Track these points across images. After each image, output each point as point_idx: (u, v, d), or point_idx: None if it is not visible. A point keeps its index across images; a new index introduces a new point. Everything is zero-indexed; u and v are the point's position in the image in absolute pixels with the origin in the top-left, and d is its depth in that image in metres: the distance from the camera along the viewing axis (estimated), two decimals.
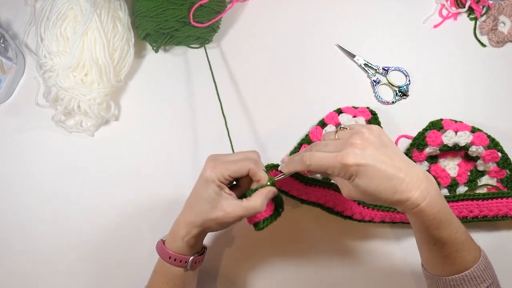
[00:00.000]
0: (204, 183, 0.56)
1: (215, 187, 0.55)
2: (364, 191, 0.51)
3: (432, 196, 0.51)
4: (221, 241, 0.71)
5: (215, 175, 0.55)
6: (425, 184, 0.51)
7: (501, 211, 0.67)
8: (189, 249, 0.58)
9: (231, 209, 0.55)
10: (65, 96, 0.72)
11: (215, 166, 0.56)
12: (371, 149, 0.50)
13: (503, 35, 0.78)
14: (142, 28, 0.74)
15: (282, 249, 0.71)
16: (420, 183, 0.51)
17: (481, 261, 0.55)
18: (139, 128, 0.76)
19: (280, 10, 0.81)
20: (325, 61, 0.78)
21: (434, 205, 0.51)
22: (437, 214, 0.51)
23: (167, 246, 0.58)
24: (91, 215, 0.72)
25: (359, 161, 0.49)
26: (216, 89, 0.71)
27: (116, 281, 0.70)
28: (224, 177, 0.56)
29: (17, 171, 0.74)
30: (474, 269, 0.54)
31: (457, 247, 0.53)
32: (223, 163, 0.56)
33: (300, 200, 0.70)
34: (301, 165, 0.54)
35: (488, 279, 0.54)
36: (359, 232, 0.71)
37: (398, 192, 0.50)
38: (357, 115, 0.72)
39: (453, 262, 0.54)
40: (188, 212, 0.58)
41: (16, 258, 0.71)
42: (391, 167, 0.50)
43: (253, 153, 0.60)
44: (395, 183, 0.50)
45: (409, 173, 0.51)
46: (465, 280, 0.54)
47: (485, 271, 0.54)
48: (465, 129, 0.70)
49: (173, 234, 0.58)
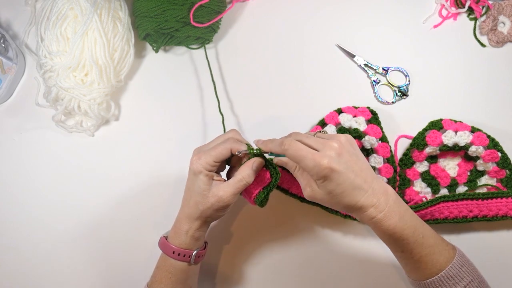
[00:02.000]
0: (193, 176, 0.58)
1: (203, 177, 0.57)
2: (328, 194, 0.53)
3: (390, 207, 0.54)
4: (221, 237, 0.71)
5: (201, 165, 0.57)
6: (383, 198, 0.54)
7: (501, 211, 0.67)
8: (194, 243, 0.60)
9: (222, 191, 0.57)
10: (65, 96, 0.72)
11: (199, 157, 0.58)
12: (346, 156, 0.53)
13: (502, 35, 0.78)
14: (142, 28, 0.74)
15: (282, 248, 0.71)
16: (379, 196, 0.54)
17: (455, 260, 0.56)
18: (139, 128, 0.76)
19: (280, 10, 0.81)
20: (325, 61, 0.78)
21: (391, 215, 0.54)
22: (397, 224, 0.54)
23: (170, 241, 0.59)
24: (91, 215, 0.72)
25: (333, 165, 0.52)
26: (215, 89, 0.71)
27: (119, 278, 0.70)
28: (210, 164, 0.57)
29: (17, 171, 0.75)
30: (449, 269, 0.55)
31: (426, 251, 0.55)
32: (206, 152, 0.58)
33: (300, 199, 0.70)
34: (279, 148, 0.56)
35: (466, 277, 0.55)
36: (359, 232, 0.71)
37: (360, 202, 0.53)
38: (357, 115, 0.72)
39: (426, 266, 0.55)
40: (186, 207, 0.60)
41: (16, 257, 0.71)
42: (359, 178, 0.53)
43: (232, 132, 0.62)
44: (358, 193, 0.53)
45: (371, 186, 0.54)
46: (442, 281, 0.55)
47: (461, 269, 0.55)
48: (465, 129, 0.70)
49: (176, 230, 0.60)
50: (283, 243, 0.71)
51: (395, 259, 0.59)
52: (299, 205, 0.70)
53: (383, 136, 0.71)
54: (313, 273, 0.70)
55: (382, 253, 0.70)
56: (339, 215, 0.70)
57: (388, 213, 0.54)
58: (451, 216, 0.68)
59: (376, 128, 0.71)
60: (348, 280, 0.70)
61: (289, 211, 0.71)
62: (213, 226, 0.71)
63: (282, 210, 0.71)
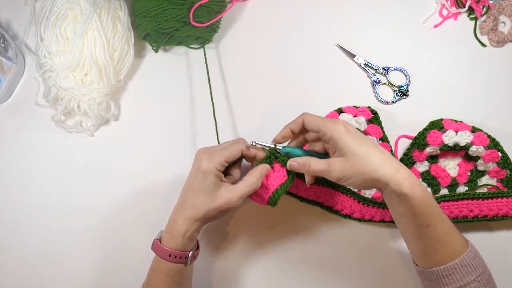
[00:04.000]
0: (202, 175, 0.57)
1: (213, 177, 0.57)
2: (352, 161, 0.54)
3: (413, 176, 0.55)
4: (221, 237, 0.71)
5: (213, 164, 0.57)
6: (402, 168, 0.55)
7: (501, 210, 0.67)
8: (189, 244, 0.59)
9: (231, 194, 0.57)
10: (65, 96, 0.72)
11: (210, 156, 0.58)
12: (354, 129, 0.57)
13: (503, 35, 0.78)
14: (142, 28, 0.73)
15: (282, 248, 0.71)
16: (398, 165, 0.55)
17: (470, 249, 0.55)
18: (139, 128, 0.76)
19: (280, 10, 0.81)
20: (325, 61, 0.78)
21: (417, 182, 0.54)
22: (425, 192, 0.54)
23: (165, 244, 0.58)
24: (91, 215, 0.72)
25: (349, 127, 0.56)
26: (211, 94, 0.72)
27: (118, 279, 0.70)
28: (221, 164, 0.58)
29: (17, 171, 0.74)
30: (465, 257, 0.54)
31: (448, 229, 0.55)
32: (216, 152, 0.59)
33: (300, 198, 0.70)
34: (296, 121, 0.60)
35: (478, 268, 0.55)
36: (359, 231, 0.71)
37: (386, 165, 0.54)
38: (358, 115, 0.72)
39: (444, 247, 0.55)
40: (188, 208, 0.58)
41: (16, 257, 0.71)
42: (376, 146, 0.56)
43: (240, 139, 0.63)
44: (381, 157, 0.55)
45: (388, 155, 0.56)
46: (456, 269, 0.54)
47: (475, 259, 0.55)
48: (466, 129, 0.70)
49: (172, 232, 0.58)
50: (283, 243, 0.71)
51: (395, 259, 0.59)
52: (299, 204, 0.70)
53: (383, 135, 0.71)
54: (312, 273, 0.70)
55: (382, 252, 0.70)
56: (339, 215, 0.70)
57: (415, 180, 0.54)
58: (452, 216, 0.68)
59: (377, 127, 0.71)
60: (348, 280, 0.70)
61: (289, 211, 0.71)
62: (213, 225, 0.71)
63: (282, 210, 0.71)
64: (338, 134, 0.55)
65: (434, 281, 0.56)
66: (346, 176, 0.55)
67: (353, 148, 0.54)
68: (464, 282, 0.54)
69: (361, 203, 0.69)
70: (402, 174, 0.54)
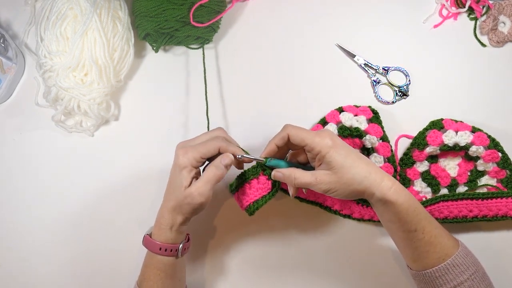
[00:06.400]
0: (177, 170, 0.57)
1: (186, 173, 0.57)
2: (337, 174, 0.55)
3: (398, 183, 0.56)
4: (221, 237, 0.71)
5: (188, 160, 0.57)
6: (387, 176, 0.56)
7: (501, 211, 0.67)
8: (178, 237, 0.60)
9: (201, 189, 0.56)
10: (65, 96, 0.72)
11: (186, 152, 0.57)
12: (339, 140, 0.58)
13: (503, 35, 0.78)
14: (142, 28, 0.73)
15: (282, 248, 0.71)
16: (383, 173, 0.56)
17: (461, 248, 0.56)
18: (139, 128, 0.76)
19: (280, 10, 0.81)
20: (325, 61, 0.78)
21: (401, 189, 0.55)
22: (410, 197, 0.56)
23: (155, 238, 0.59)
24: (90, 215, 0.72)
25: (335, 140, 0.56)
26: (206, 93, 0.72)
27: (118, 279, 0.70)
28: (197, 160, 0.57)
29: (17, 171, 0.74)
30: (456, 256, 0.55)
31: (437, 232, 0.56)
32: (193, 147, 0.58)
33: (299, 199, 0.70)
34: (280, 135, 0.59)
35: (471, 267, 0.55)
36: (359, 231, 0.71)
37: (371, 174, 0.55)
38: (358, 114, 0.72)
39: (435, 249, 0.55)
40: (167, 201, 0.59)
41: (16, 257, 0.71)
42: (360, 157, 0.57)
43: (219, 130, 0.62)
44: (366, 167, 0.56)
45: (373, 165, 0.57)
46: (448, 269, 0.55)
47: (466, 258, 0.56)
48: (466, 129, 0.70)
49: (159, 226, 0.59)
50: (283, 243, 0.71)
51: (395, 259, 0.59)
52: (298, 204, 0.70)
53: (384, 135, 0.71)
54: (312, 273, 0.70)
55: (381, 252, 0.70)
56: (339, 215, 0.70)
57: (399, 187, 0.55)
58: (451, 216, 0.68)
59: (377, 127, 0.71)
60: (347, 279, 0.70)
61: (289, 211, 0.71)
62: (214, 225, 0.71)
63: (281, 210, 0.71)
64: (326, 149, 0.55)
65: (429, 283, 0.56)
66: (333, 189, 0.56)
67: (340, 161, 0.55)
68: (458, 281, 0.54)
69: (360, 204, 0.69)
70: (386, 183, 0.55)
